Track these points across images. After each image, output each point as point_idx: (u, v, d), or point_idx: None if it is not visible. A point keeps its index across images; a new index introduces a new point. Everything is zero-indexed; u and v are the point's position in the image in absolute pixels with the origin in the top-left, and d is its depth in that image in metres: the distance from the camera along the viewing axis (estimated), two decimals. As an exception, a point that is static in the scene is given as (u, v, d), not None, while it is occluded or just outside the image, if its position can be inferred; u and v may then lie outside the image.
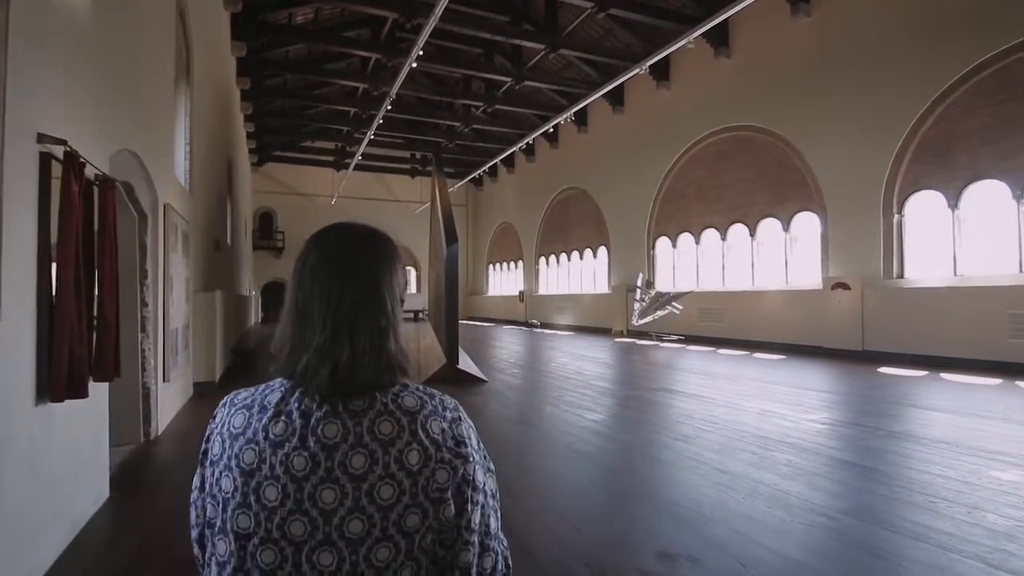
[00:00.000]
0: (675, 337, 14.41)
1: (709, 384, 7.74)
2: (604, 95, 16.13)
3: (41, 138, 2.51)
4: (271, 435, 0.73)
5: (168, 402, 5.56)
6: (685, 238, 15.70)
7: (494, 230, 27.97)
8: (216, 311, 7.54)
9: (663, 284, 15.76)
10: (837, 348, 11.01)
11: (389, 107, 14.65)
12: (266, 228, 27.24)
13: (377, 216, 28.84)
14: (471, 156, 24.88)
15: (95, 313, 3.07)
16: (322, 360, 0.75)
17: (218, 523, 0.74)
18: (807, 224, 12.38)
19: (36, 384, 2.51)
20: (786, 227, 12.75)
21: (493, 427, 5.57)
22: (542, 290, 23.41)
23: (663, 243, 16.52)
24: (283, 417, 0.74)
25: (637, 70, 12.82)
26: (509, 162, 24.89)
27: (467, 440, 0.78)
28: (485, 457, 0.81)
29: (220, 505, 0.74)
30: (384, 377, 0.77)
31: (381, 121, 16.00)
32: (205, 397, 7.06)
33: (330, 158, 25.69)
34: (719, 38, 13.65)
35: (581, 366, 9.91)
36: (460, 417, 0.80)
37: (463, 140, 22.86)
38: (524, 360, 11.37)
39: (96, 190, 3.12)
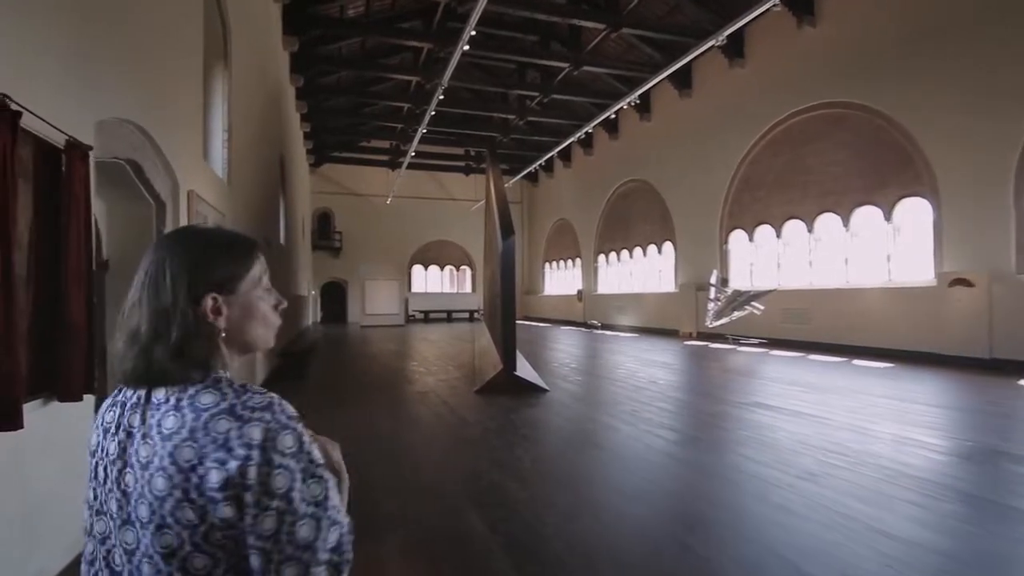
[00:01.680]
0: (755, 340, 12.97)
1: (813, 398, 6.51)
2: (670, 77, 14.86)
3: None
4: (104, 422, 0.83)
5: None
6: (764, 231, 14.20)
7: (550, 227, 27.03)
8: (256, 311, 7.02)
9: (739, 282, 14.31)
10: (957, 355, 9.37)
11: (441, 97, 14.02)
12: (324, 228, 27.47)
13: (432, 215, 28.58)
14: (525, 151, 24.05)
15: (49, 314, 2.40)
16: (126, 349, 0.79)
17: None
18: (914, 211, 10.72)
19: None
20: (887, 215, 11.12)
21: (553, 448, 4.67)
22: (601, 289, 22.26)
23: (738, 237, 15.05)
24: (115, 406, 0.83)
25: (711, 42, 11.54)
26: (565, 155, 23.88)
27: (270, 445, 0.73)
28: (311, 463, 0.75)
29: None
30: (178, 372, 0.77)
31: (433, 113, 15.41)
32: (243, 404, 6.54)
33: (385, 157, 25.55)
34: (803, 4, 12.14)
35: (653, 374, 8.83)
36: (270, 420, 0.74)
37: (517, 134, 22.06)
38: (587, 365, 10.38)
39: (64, 158, 2.45)
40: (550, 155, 21.91)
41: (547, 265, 27.92)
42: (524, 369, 7.76)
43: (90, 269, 2.59)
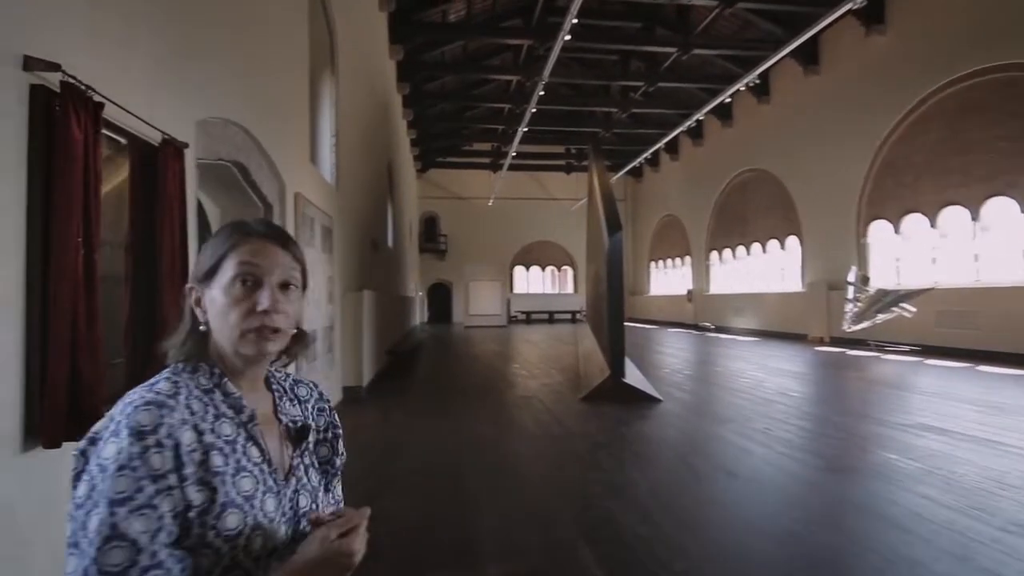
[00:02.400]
0: (904, 347, 11.20)
1: (997, 421, 5.28)
2: (793, 53, 13.34)
3: (30, 63, 1.73)
4: None
5: (303, 413, 5.04)
6: (913, 220, 12.25)
7: (656, 224, 25.76)
8: (364, 312, 7.11)
9: (883, 279, 12.48)
10: None
11: (541, 93, 13.70)
12: (430, 231, 28.38)
13: (533, 215, 28.45)
14: (629, 145, 23.09)
15: (144, 316, 2.32)
16: None
17: None
18: None
19: (24, 423, 1.73)
20: (1089, 196, 9.03)
21: (674, 472, 4.07)
22: (714, 288, 20.73)
23: (880, 228, 13.15)
24: None
25: (848, 5, 10.09)
26: (672, 148, 22.58)
27: (91, 448, 0.68)
28: (102, 469, 0.64)
29: None
30: (166, 355, 0.79)
31: (534, 111, 15.13)
32: (350, 405, 6.60)
33: (487, 160, 25.83)
34: (967, -49, 10.28)
35: (782, 384, 7.80)
36: (111, 420, 0.69)
37: (620, 128, 21.22)
38: (702, 372, 9.50)
39: (162, 156, 2.37)
40: (655, 148, 20.79)
41: (653, 264, 26.65)
42: (633, 375, 7.17)
43: (185, 271, 2.50)
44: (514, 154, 19.78)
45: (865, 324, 11.01)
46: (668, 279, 25.04)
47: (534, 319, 27.51)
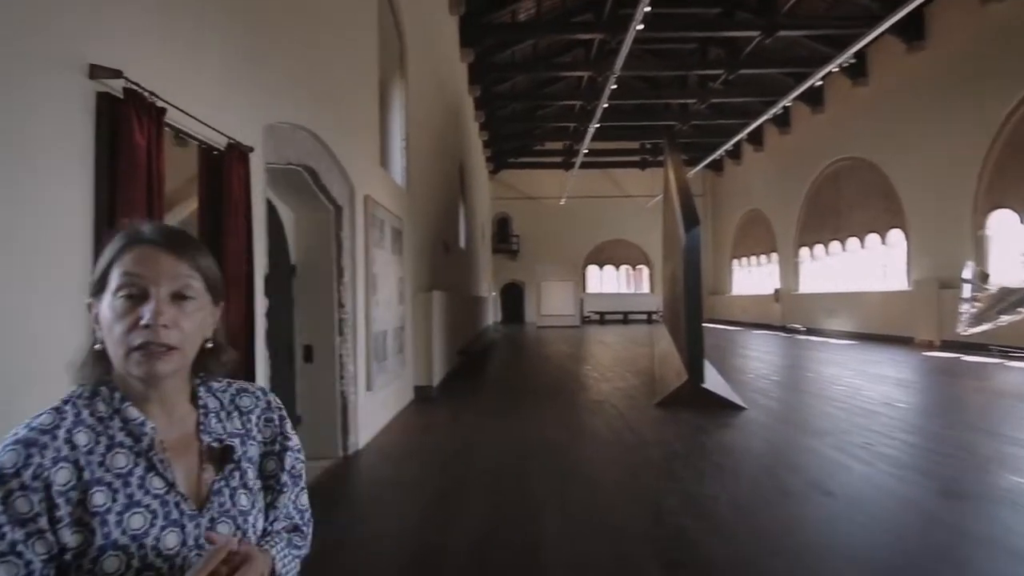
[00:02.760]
0: (1035, 352, 9.83)
1: None
2: (894, 28, 12.07)
3: (96, 72, 1.78)
4: None
5: (374, 412, 5.12)
6: (1046, 207, 10.75)
7: (738, 220, 24.40)
8: (434, 312, 7.17)
9: (1008, 276, 11.01)
10: None
11: (614, 87, 13.32)
12: (503, 232, 28.58)
13: (606, 214, 27.89)
14: (708, 137, 22.00)
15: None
16: None
17: None
18: None
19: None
20: None
21: (759, 488, 3.71)
22: (804, 287, 19.31)
23: (1002, 219, 11.65)
24: None
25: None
26: (756, 138, 21.28)
27: None
28: None
29: None
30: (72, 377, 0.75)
31: (606, 106, 14.76)
32: (422, 404, 6.67)
33: (559, 159, 25.60)
34: None
35: (886, 393, 7.04)
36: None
37: (698, 120, 20.27)
38: (791, 378, 8.81)
39: (227, 160, 2.42)
40: (737, 139, 19.66)
41: (735, 262, 25.28)
42: (714, 380, 6.73)
43: (250, 273, 2.55)
44: (586, 151, 19.42)
45: (985, 326, 9.76)
46: (752, 277, 23.66)
47: (608, 320, 26.94)
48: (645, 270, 28.92)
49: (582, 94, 18.98)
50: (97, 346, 0.71)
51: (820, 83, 14.84)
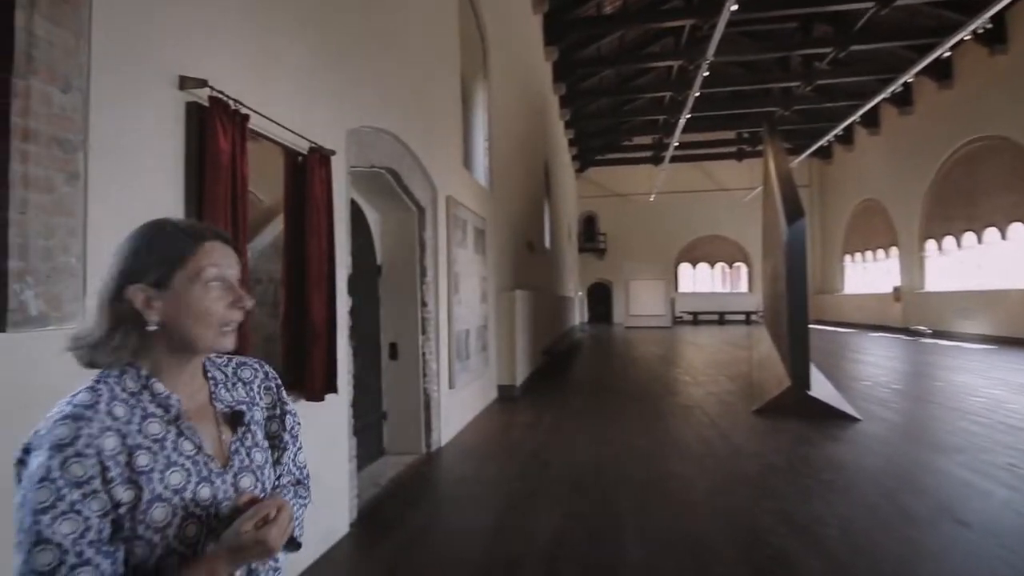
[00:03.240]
0: None
1: None
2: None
3: (185, 83, 1.88)
4: None
5: (456, 410, 5.17)
6: None
7: (851, 211, 22.27)
8: (517, 312, 7.14)
9: None
10: None
11: (706, 74, 12.59)
12: (589, 231, 28.18)
13: (700, 209, 26.63)
14: (813, 123, 20.27)
15: (301, 317, 2.45)
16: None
17: None
18: None
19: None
20: None
21: (869, 510, 3.27)
22: (931, 285, 17.22)
23: None
24: None
25: None
26: (870, 120, 19.28)
27: (23, 460, 0.73)
28: (29, 480, 0.70)
29: None
30: (89, 358, 0.79)
31: (698, 94, 14.01)
32: (505, 404, 6.67)
33: (648, 154, 24.78)
34: None
35: (1038, 406, 6.04)
36: (41, 433, 0.72)
37: (802, 104, 18.71)
38: (915, 387, 7.84)
39: (309, 164, 2.50)
40: (849, 122, 17.90)
41: (847, 257, 23.11)
42: (821, 387, 6.12)
43: (331, 272, 2.61)
44: (676, 144, 18.59)
45: None
46: (867, 274, 21.50)
47: (702, 320, 25.69)
48: (743, 268, 27.27)
49: (672, 84, 18.22)
50: (152, 327, 0.77)
51: (948, 54, 13.14)
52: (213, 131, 1.90)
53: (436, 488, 3.83)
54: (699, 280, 27.91)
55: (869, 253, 21.34)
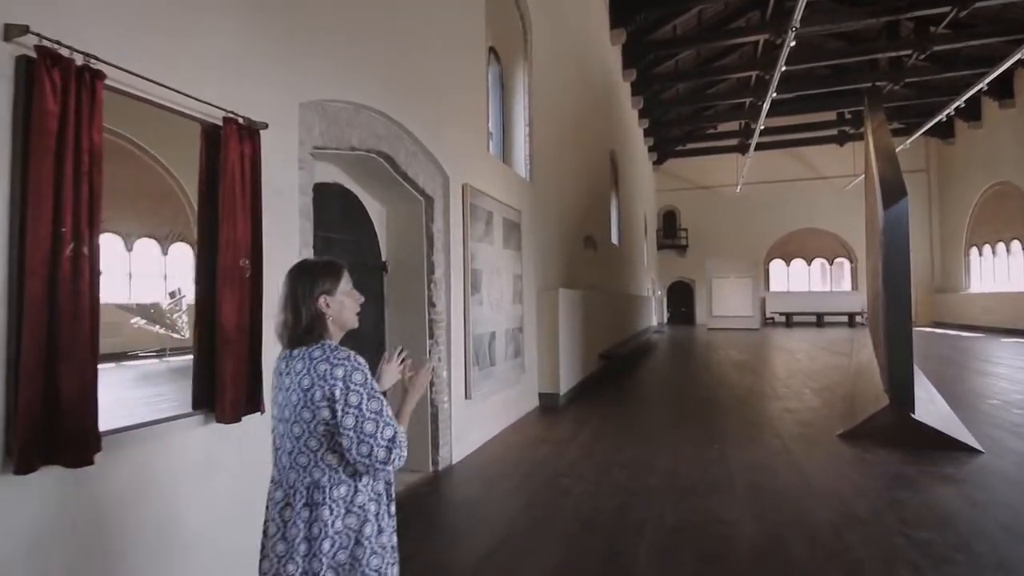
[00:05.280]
0: None
1: None
2: None
3: (9, 32, 1.50)
4: (276, 367, 1.46)
5: (475, 423, 4.64)
6: None
7: (978, 197, 19.24)
8: (560, 313, 6.51)
9: None
10: None
11: (793, 43, 11.14)
12: (669, 227, 26.68)
13: (793, 199, 24.36)
14: (929, 97, 17.67)
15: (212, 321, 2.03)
16: (282, 329, 1.41)
17: None
18: None
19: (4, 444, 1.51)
20: None
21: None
22: (1085, 282, 14.36)
23: None
24: (280, 359, 1.44)
25: None
26: (1002, 91, 16.48)
27: (347, 377, 1.32)
28: (372, 388, 1.34)
29: None
30: (304, 339, 1.37)
31: (784, 69, 12.51)
32: (545, 414, 6.06)
33: (733, 142, 22.92)
34: None
35: None
36: (348, 364, 1.33)
37: (914, 76, 16.33)
38: (1063, 406, 6.28)
39: (224, 137, 2.09)
40: (974, 92, 15.34)
41: (973, 251, 20.05)
42: (931, 409, 4.97)
43: (256, 269, 2.18)
44: (763, 128, 16.89)
45: None
46: (998, 270, 18.49)
47: (796, 322, 23.39)
48: (846, 264, 24.59)
49: (758, 63, 16.59)
50: (330, 319, 1.40)
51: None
52: (40, 90, 1.51)
53: (428, 515, 3.33)
54: (794, 278, 25.53)
55: (1001, 245, 18.34)
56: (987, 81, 14.46)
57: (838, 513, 3.18)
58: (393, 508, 1.44)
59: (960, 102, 16.07)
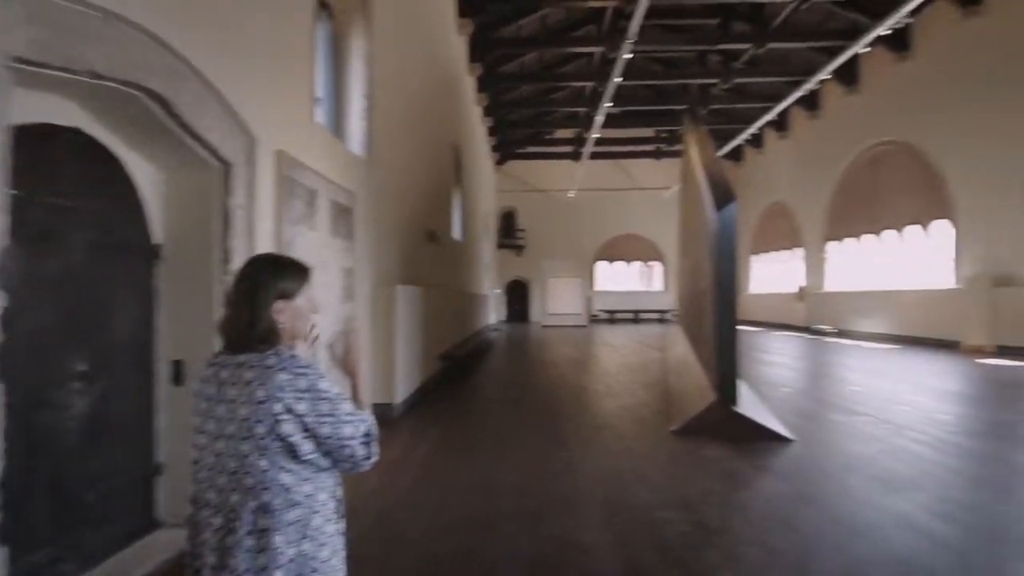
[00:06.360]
0: None
1: None
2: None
3: None
4: (203, 376, 1.32)
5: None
6: None
7: (759, 214, 22.75)
8: (398, 312, 5.82)
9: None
10: None
11: (628, 55, 11.81)
12: (508, 227, 27.20)
13: (618, 207, 26.38)
14: (728, 124, 20.40)
15: None
16: (228, 328, 1.29)
17: None
18: None
19: None
20: None
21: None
22: (832, 285, 17.72)
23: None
24: (212, 366, 1.30)
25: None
26: (780, 124, 19.64)
27: (314, 388, 1.23)
28: (336, 395, 1.25)
29: None
30: (257, 345, 1.25)
31: (619, 79, 13.27)
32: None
33: (568, 148, 24.09)
34: None
35: (993, 420, 5.57)
36: (311, 374, 1.23)
37: (718, 103, 18.66)
38: (839, 396, 7.34)
39: None
40: (760, 124, 18.03)
41: (753, 258, 23.67)
42: (749, 402, 5.32)
43: None
44: (597, 136, 17.90)
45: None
46: (773, 274, 22.06)
47: (618, 319, 25.50)
48: (658, 266, 27.43)
49: (594, 73, 17.50)
50: (283, 326, 1.28)
51: (856, 58, 13.27)
52: None
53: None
54: (616, 278, 27.79)
55: (774, 253, 21.91)
56: (770, 115, 17.05)
57: (692, 525, 3.03)
58: (343, 525, 1.36)
59: (750, 131, 18.76)
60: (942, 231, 13.12)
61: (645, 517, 3.14)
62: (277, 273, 1.30)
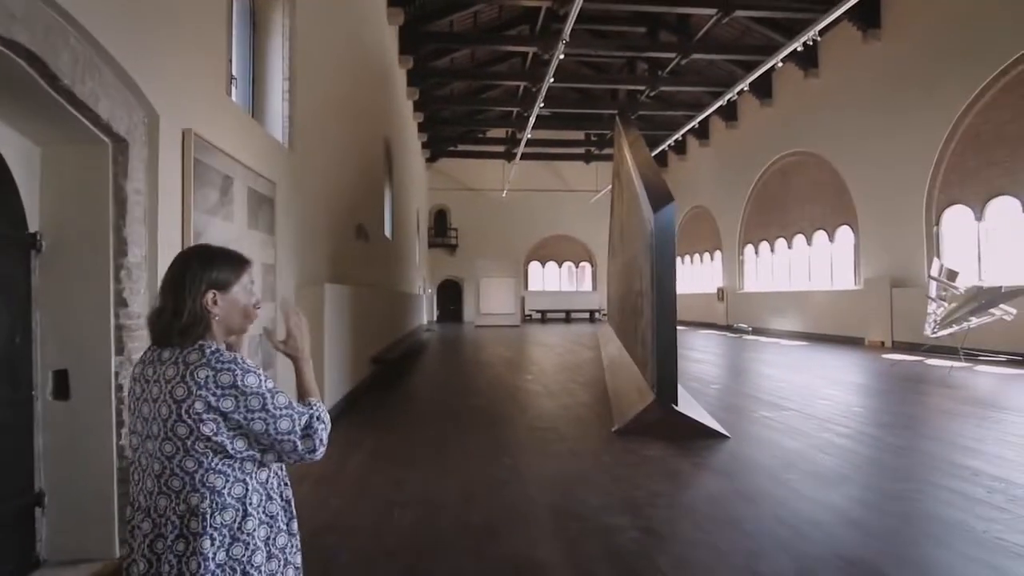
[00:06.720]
0: (1003, 357, 9.27)
1: None
2: (848, 13, 11.25)
3: None
4: (134, 373, 1.23)
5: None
6: (1004, 205, 10.30)
7: (683, 217, 23.70)
8: (326, 313, 5.41)
9: (967, 275, 10.46)
10: None
11: (562, 56, 11.83)
12: (440, 225, 26.78)
13: (549, 208, 26.64)
14: (654, 130, 21.11)
15: None
16: (155, 320, 1.21)
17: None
18: None
19: None
20: None
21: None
22: (749, 286, 18.75)
23: (957, 215, 11.20)
24: (141, 363, 1.22)
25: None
26: (702, 132, 20.56)
27: (240, 383, 1.14)
28: (268, 389, 1.16)
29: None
30: (179, 339, 1.17)
31: (552, 80, 13.28)
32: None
33: (500, 148, 24.04)
34: None
35: (908, 413, 5.93)
36: (236, 369, 1.14)
37: (645, 110, 19.25)
38: (764, 390, 7.64)
39: None
40: (683, 132, 18.77)
41: (678, 260, 24.64)
42: (686, 402, 5.38)
43: None
44: (529, 136, 17.91)
45: (954, 328, 9.04)
46: (696, 276, 23.07)
47: (550, 318, 25.76)
48: (588, 267, 27.97)
49: (527, 74, 17.52)
50: (216, 319, 1.19)
51: (770, 72, 14.07)
52: None
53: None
54: (548, 278, 28.07)
55: (697, 256, 22.91)
56: (693, 124, 17.75)
57: (640, 530, 2.94)
58: (295, 526, 1.28)
59: (674, 138, 19.47)
60: (846, 236, 14.19)
61: (595, 525, 3.01)
62: (207, 262, 1.22)
